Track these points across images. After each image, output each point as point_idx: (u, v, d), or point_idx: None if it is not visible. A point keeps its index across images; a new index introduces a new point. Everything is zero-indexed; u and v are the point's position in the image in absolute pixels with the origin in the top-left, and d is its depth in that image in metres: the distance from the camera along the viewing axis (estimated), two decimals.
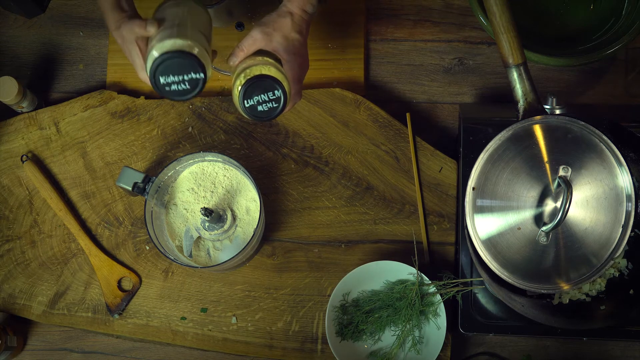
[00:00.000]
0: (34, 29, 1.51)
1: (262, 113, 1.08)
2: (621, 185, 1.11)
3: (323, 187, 1.39)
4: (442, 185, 1.38)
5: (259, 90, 1.06)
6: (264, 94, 1.07)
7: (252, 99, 1.07)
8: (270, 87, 1.06)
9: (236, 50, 1.11)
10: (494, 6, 1.13)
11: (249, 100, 1.07)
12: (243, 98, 1.07)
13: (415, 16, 1.49)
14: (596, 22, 1.43)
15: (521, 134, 1.13)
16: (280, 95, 1.07)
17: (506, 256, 1.13)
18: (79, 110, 1.43)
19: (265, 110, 1.08)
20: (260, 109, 1.07)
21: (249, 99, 1.07)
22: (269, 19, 1.12)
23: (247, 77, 1.07)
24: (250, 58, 1.11)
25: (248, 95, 1.07)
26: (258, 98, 1.07)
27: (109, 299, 1.36)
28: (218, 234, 1.29)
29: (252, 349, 1.35)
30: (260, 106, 1.07)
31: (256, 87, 1.06)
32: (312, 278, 1.36)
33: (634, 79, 1.45)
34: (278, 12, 1.13)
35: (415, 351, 1.30)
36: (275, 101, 1.07)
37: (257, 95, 1.07)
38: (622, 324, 1.27)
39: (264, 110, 1.08)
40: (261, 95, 1.07)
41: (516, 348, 1.37)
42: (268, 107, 1.07)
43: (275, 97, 1.07)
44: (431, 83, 1.47)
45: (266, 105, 1.07)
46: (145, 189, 1.25)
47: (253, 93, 1.07)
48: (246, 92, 1.06)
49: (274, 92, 1.06)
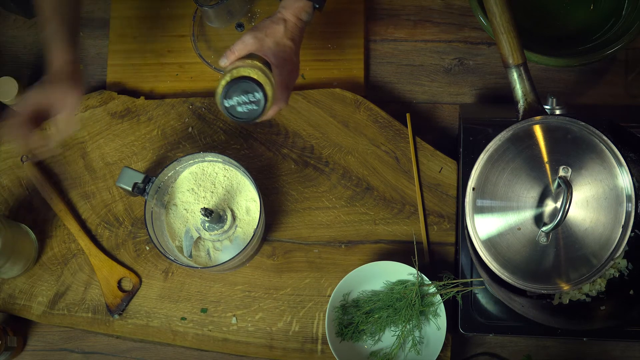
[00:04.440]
0: (34, 29, 1.51)
1: (241, 114, 1.09)
2: (621, 185, 1.11)
3: (323, 187, 1.39)
4: (442, 185, 1.38)
5: (239, 91, 1.07)
6: (244, 95, 1.07)
7: (232, 99, 1.08)
8: (251, 89, 1.07)
9: (227, 52, 1.12)
10: (494, 6, 1.13)
11: (229, 100, 1.08)
12: (223, 97, 1.08)
13: (415, 16, 1.49)
14: (596, 23, 1.43)
15: (521, 135, 1.13)
16: (260, 98, 1.08)
17: (506, 256, 1.13)
18: (79, 110, 1.43)
19: (244, 111, 1.08)
20: (239, 110, 1.08)
21: (229, 99, 1.08)
22: (263, 24, 1.14)
23: (232, 77, 1.08)
24: (240, 60, 1.12)
25: (229, 95, 1.08)
26: (238, 99, 1.08)
27: (109, 299, 1.36)
28: (218, 234, 1.29)
29: (252, 349, 1.35)
30: (240, 107, 1.08)
31: (237, 88, 1.07)
32: (312, 278, 1.36)
33: (634, 79, 1.45)
34: (272, 19, 1.15)
35: (415, 351, 1.30)
36: (256, 104, 1.08)
37: (238, 96, 1.08)
38: (622, 324, 1.27)
39: (243, 112, 1.08)
40: (241, 96, 1.07)
41: (516, 348, 1.37)
42: (248, 109, 1.08)
43: (255, 99, 1.08)
44: (431, 83, 1.47)
45: (246, 106, 1.08)
46: (145, 190, 1.25)
47: (234, 93, 1.07)
48: (227, 92, 1.08)
49: (254, 94, 1.07)
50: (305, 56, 1.46)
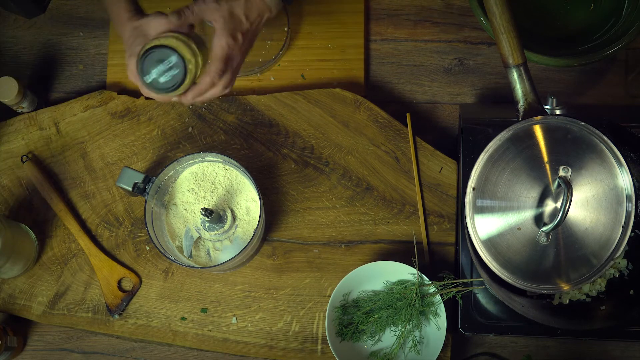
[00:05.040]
0: (34, 29, 1.51)
1: (165, 84, 1.05)
2: (621, 185, 1.11)
3: (323, 187, 1.39)
4: (442, 185, 1.38)
5: (153, 62, 1.04)
6: (161, 65, 1.04)
7: (151, 73, 1.04)
8: (164, 55, 1.03)
9: (185, 10, 1.08)
10: (494, 6, 1.12)
11: (149, 76, 1.04)
12: (142, 75, 1.04)
13: (415, 16, 1.49)
14: (596, 23, 1.43)
15: (521, 135, 1.13)
16: (176, 60, 1.03)
17: (506, 256, 1.13)
18: (79, 110, 1.43)
19: (167, 80, 1.05)
20: (163, 80, 1.05)
21: (147, 75, 1.04)
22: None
23: (142, 53, 1.05)
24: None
25: (146, 71, 1.04)
26: (156, 70, 1.04)
27: (109, 299, 1.36)
28: (218, 234, 1.29)
29: (252, 349, 1.35)
30: (162, 77, 1.05)
31: (150, 60, 1.04)
32: (312, 278, 1.36)
33: (634, 79, 1.45)
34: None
35: (415, 351, 1.30)
36: (175, 67, 1.04)
37: (154, 67, 1.04)
38: (622, 324, 1.27)
39: (166, 80, 1.05)
40: (158, 66, 1.04)
41: (516, 348, 1.37)
42: (170, 76, 1.05)
43: (172, 63, 1.04)
44: (431, 83, 1.47)
45: (167, 75, 1.04)
46: (146, 190, 1.25)
47: (150, 67, 1.04)
48: (143, 68, 1.04)
49: (168, 59, 1.04)
50: (305, 56, 1.46)
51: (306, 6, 1.48)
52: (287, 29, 1.45)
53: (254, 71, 1.45)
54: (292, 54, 1.47)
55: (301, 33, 1.47)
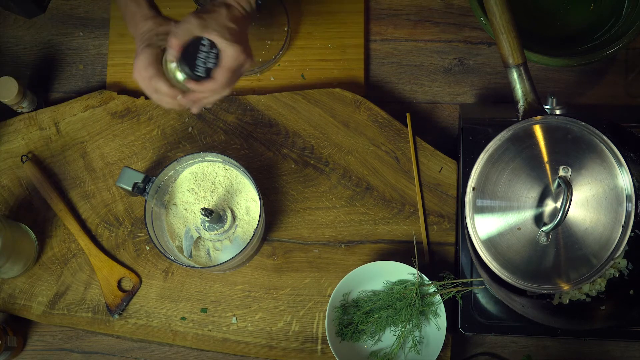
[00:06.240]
0: (34, 29, 1.51)
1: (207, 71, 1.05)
2: (621, 185, 1.11)
3: (323, 187, 1.39)
4: (442, 185, 1.38)
5: (190, 54, 1.04)
6: (201, 52, 1.04)
7: (198, 63, 1.05)
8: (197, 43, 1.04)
9: (171, 39, 1.06)
10: (494, 6, 1.12)
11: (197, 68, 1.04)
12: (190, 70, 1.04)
13: (415, 16, 1.49)
14: (596, 23, 1.43)
15: (521, 135, 1.13)
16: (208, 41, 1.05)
17: (506, 256, 1.13)
18: (79, 110, 1.43)
19: (212, 60, 1.05)
20: (210, 66, 1.05)
21: (196, 68, 1.04)
22: (204, 9, 1.10)
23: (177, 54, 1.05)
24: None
25: (189, 62, 1.04)
26: (201, 59, 1.05)
27: (109, 299, 1.36)
28: (218, 234, 1.29)
29: (252, 349, 1.35)
30: (208, 63, 1.05)
31: (187, 54, 1.04)
32: (312, 278, 1.36)
33: (634, 79, 1.45)
34: (214, 3, 1.10)
35: (415, 351, 1.30)
36: (211, 48, 1.05)
37: (196, 59, 1.04)
38: (622, 324, 1.27)
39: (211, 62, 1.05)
40: (200, 53, 1.04)
41: (516, 348, 1.37)
42: (214, 59, 1.05)
43: (207, 45, 1.05)
44: (431, 83, 1.47)
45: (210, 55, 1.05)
46: (145, 190, 1.25)
47: (191, 60, 1.04)
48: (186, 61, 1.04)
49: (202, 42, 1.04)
50: (306, 56, 1.46)
51: (306, 6, 1.48)
52: (287, 29, 1.45)
53: (254, 71, 1.45)
54: (292, 54, 1.47)
55: (301, 33, 1.47)
